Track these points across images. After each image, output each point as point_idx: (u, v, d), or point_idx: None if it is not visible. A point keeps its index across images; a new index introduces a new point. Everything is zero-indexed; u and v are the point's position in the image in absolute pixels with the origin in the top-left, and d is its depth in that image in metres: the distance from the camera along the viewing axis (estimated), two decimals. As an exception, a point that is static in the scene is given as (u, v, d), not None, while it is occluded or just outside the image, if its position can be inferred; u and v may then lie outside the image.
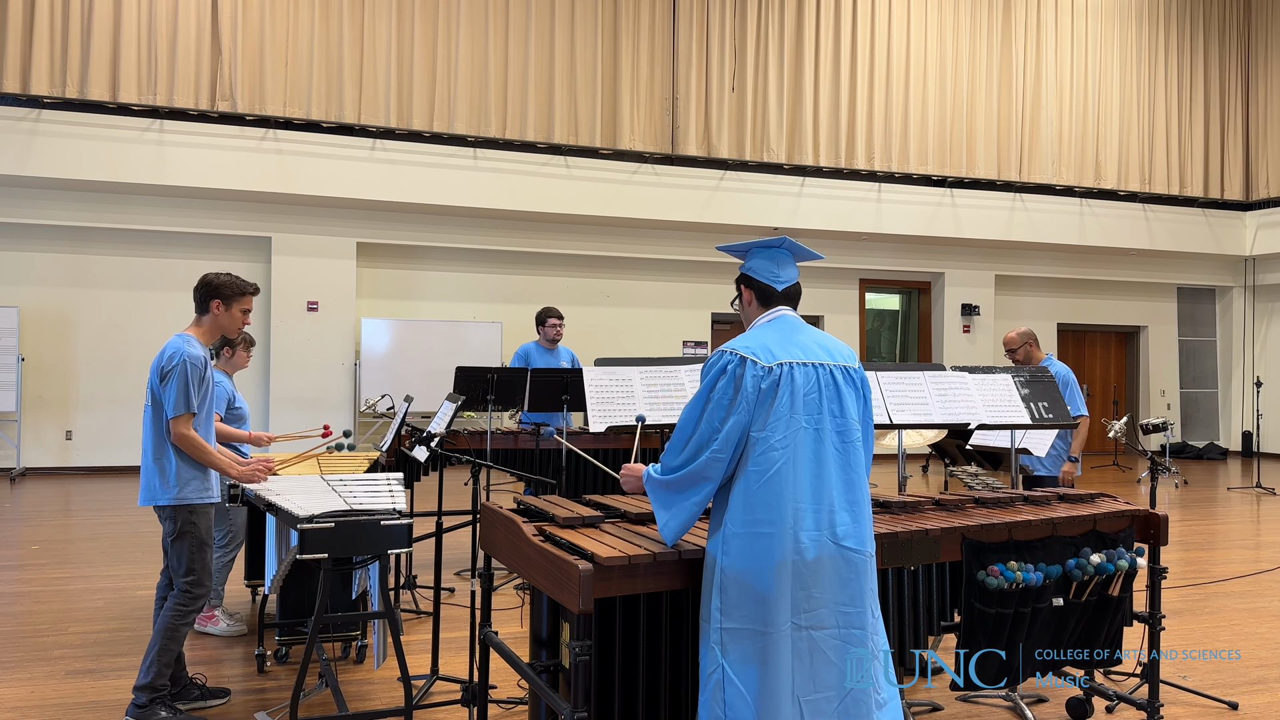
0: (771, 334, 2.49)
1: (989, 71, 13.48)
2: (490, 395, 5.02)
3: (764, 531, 2.32)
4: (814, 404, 2.41)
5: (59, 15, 9.99)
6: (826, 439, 2.40)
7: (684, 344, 12.99)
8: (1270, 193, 14.54)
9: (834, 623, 2.34)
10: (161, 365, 3.55)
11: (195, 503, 3.58)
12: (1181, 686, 4.00)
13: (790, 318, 2.56)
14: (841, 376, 2.47)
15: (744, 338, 2.49)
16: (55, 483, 10.01)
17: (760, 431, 2.36)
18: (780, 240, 2.60)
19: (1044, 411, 3.83)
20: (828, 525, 2.35)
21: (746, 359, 2.40)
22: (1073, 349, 15.30)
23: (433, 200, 11.06)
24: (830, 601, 2.33)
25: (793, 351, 2.44)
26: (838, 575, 2.35)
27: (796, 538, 2.32)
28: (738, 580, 2.32)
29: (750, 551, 2.32)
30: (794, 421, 2.37)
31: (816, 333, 2.56)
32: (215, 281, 3.70)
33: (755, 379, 2.38)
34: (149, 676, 3.47)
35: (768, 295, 2.59)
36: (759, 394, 2.38)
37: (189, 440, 3.53)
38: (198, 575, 3.57)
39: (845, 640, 2.35)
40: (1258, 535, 7.94)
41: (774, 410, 2.37)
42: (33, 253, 10.67)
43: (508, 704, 3.73)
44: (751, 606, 2.30)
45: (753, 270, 2.61)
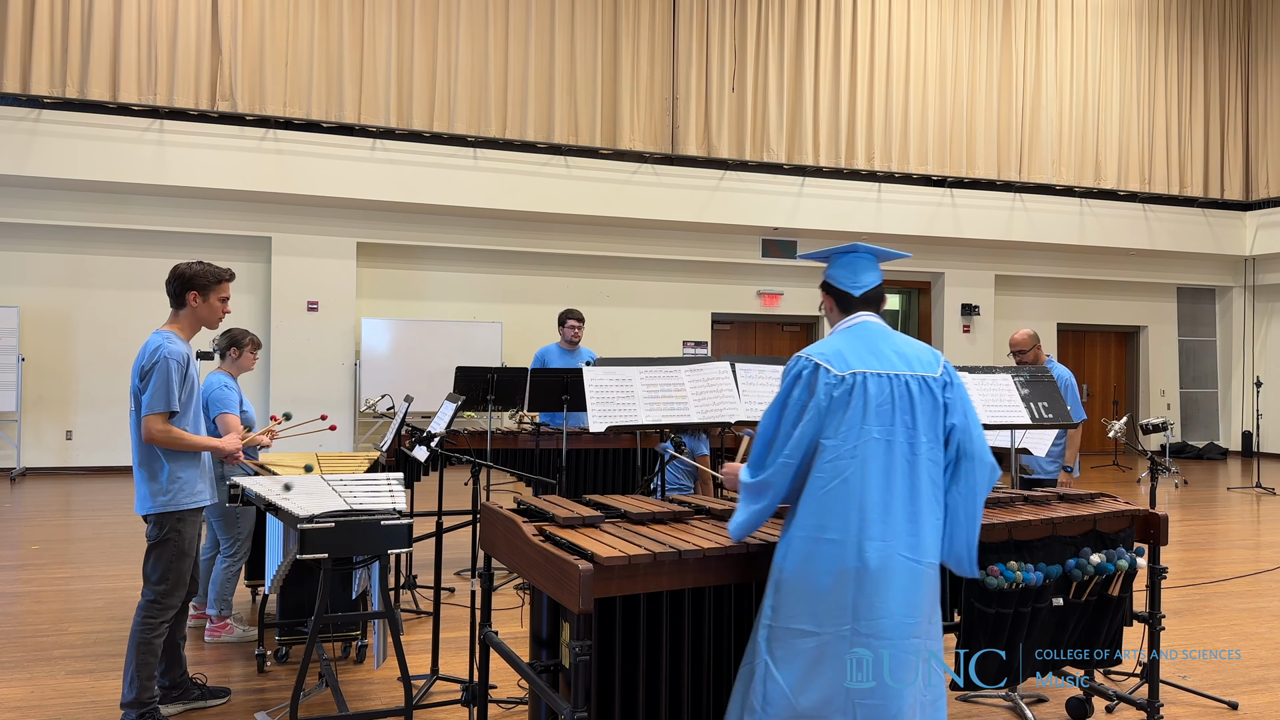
0: (848, 341, 2.50)
1: (989, 71, 13.48)
2: (490, 395, 5.02)
3: (828, 538, 2.35)
4: (886, 414, 2.41)
5: (59, 15, 9.99)
6: (897, 450, 2.40)
7: (684, 344, 12.99)
8: (1270, 193, 14.54)
9: (891, 632, 2.34)
10: (142, 364, 3.40)
11: (184, 509, 3.45)
12: (1181, 686, 4.00)
13: (871, 324, 2.57)
14: (917, 387, 2.46)
15: (821, 344, 2.51)
16: (55, 483, 10.01)
17: (831, 439, 2.38)
18: (852, 247, 2.65)
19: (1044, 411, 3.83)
20: (893, 536, 2.36)
21: (820, 366, 2.42)
22: (1073, 349, 15.30)
23: (433, 200, 11.06)
24: (889, 610, 2.34)
25: (868, 360, 2.45)
26: (898, 585, 2.35)
27: (860, 546, 2.34)
28: (795, 582, 2.36)
29: (811, 556, 2.35)
30: (865, 431, 2.38)
31: (898, 339, 2.56)
32: (189, 272, 3.52)
33: (828, 387, 2.40)
34: (134, 692, 3.37)
35: (846, 301, 2.62)
36: (831, 402, 2.39)
37: (167, 436, 3.38)
38: (170, 585, 3.43)
39: (899, 648, 2.35)
40: (1258, 535, 7.94)
41: (845, 419, 2.38)
42: (33, 253, 10.67)
43: (508, 704, 3.73)
44: (807, 609, 2.34)
45: (831, 278, 2.66)
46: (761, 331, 13.96)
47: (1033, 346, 5.46)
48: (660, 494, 4.20)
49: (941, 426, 2.49)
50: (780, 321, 13.93)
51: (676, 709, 2.46)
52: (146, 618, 3.40)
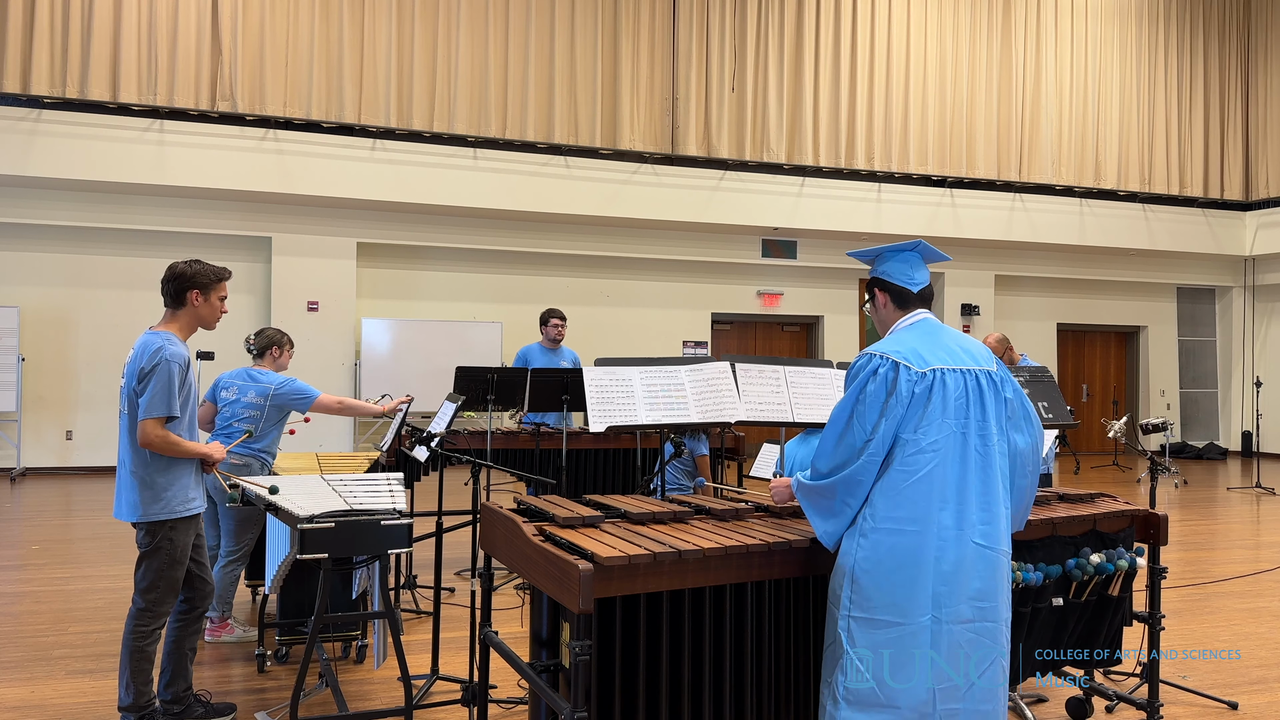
0: (917, 338, 2.56)
1: (989, 71, 13.48)
2: (490, 395, 5.02)
3: (908, 529, 2.41)
4: (962, 408, 2.49)
5: (59, 15, 9.99)
6: (970, 442, 2.48)
7: (684, 344, 12.99)
8: (1270, 193, 14.54)
9: (971, 615, 2.42)
10: (142, 365, 3.29)
11: (178, 516, 3.38)
12: (1181, 686, 4.00)
13: (931, 321, 2.65)
14: (986, 381, 2.55)
15: (891, 341, 2.57)
16: (55, 483, 10.01)
17: (911, 434, 2.44)
18: (915, 244, 2.70)
19: (1043, 411, 3.83)
20: (969, 525, 2.44)
21: (900, 364, 2.48)
22: (1073, 349, 15.30)
23: (433, 200, 11.06)
24: (968, 596, 2.42)
25: (941, 356, 2.52)
26: (975, 572, 2.43)
27: (941, 536, 2.41)
28: (873, 573, 2.41)
29: (890, 547, 2.41)
30: (945, 425, 2.46)
31: (957, 335, 2.63)
32: (189, 271, 3.42)
33: (910, 383, 2.46)
34: (130, 697, 3.32)
35: (904, 297, 2.67)
36: (913, 398, 2.46)
37: (164, 441, 3.28)
38: (160, 593, 3.36)
39: (979, 633, 2.43)
40: (1258, 535, 7.94)
41: (927, 414, 2.45)
42: (33, 253, 10.67)
43: (508, 704, 3.73)
44: (887, 598, 2.40)
45: (887, 274, 2.69)
46: (761, 331, 13.96)
47: (1003, 351, 5.47)
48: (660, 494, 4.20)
49: (1006, 419, 2.58)
50: (780, 321, 13.93)
51: (676, 709, 2.46)
52: (138, 625, 3.34)
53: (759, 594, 2.57)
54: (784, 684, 2.61)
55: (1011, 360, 5.51)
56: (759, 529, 2.72)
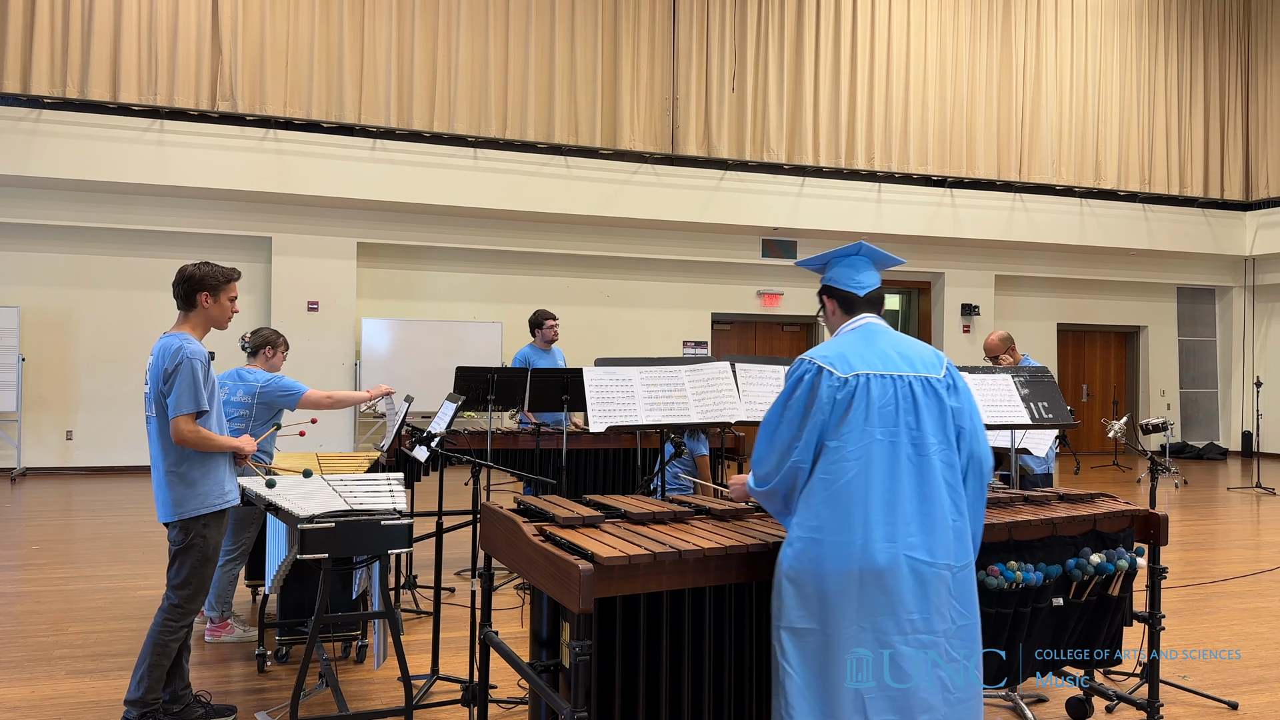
0: (852, 343, 2.52)
1: (989, 71, 13.48)
2: (490, 395, 5.03)
3: (830, 539, 2.35)
4: (890, 416, 2.41)
5: (59, 15, 9.99)
6: (901, 451, 2.40)
7: (684, 344, 12.99)
8: (1270, 193, 14.54)
9: (904, 629, 2.35)
10: (165, 366, 3.35)
11: (214, 510, 3.44)
12: (1181, 686, 4.00)
13: (874, 325, 2.59)
14: (921, 388, 2.46)
15: (825, 346, 2.53)
16: (55, 483, 10.01)
17: (834, 440, 2.39)
18: (857, 247, 2.64)
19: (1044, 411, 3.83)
20: (900, 536, 2.36)
21: (823, 369, 2.43)
22: (1073, 349, 15.30)
23: (433, 200, 11.06)
24: (896, 610, 2.34)
25: (871, 362, 2.46)
26: (908, 586, 2.35)
27: (865, 547, 2.34)
28: (799, 582, 2.37)
29: (814, 556, 2.36)
30: (868, 433, 2.39)
31: (902, 340, 2.56)
32: (198, 273, 3.48)
33: (831, 389, 2.42)
34: (139, 691, 3.34)
35: (850, 302, 2.63)
36: (834, 404, 2.41)
37: (198, 436, 3.35)
38: (193, 590, 3.41)
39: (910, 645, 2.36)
40: (1258, 535, 7.94)
41: (848, 420, 2.39)
42: (33, 253, 10.67)
43: (508, 704, 3.73)
44: (813, 609, 2.35)
45: (833, 280, 2.65)
46: (761, 331, 13.96)
47: (1005, 349, 5.46)
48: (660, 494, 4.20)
49: (950, 428, 2.48)
50: (780, 321, 13.93)
51: (676, 709, 2.46)
52: (168, 620, 3.38)
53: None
54: (784, 684, 2.61)
55: (1014, 360, 5.50)
56: (759, 529, 2.72)
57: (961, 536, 2.45)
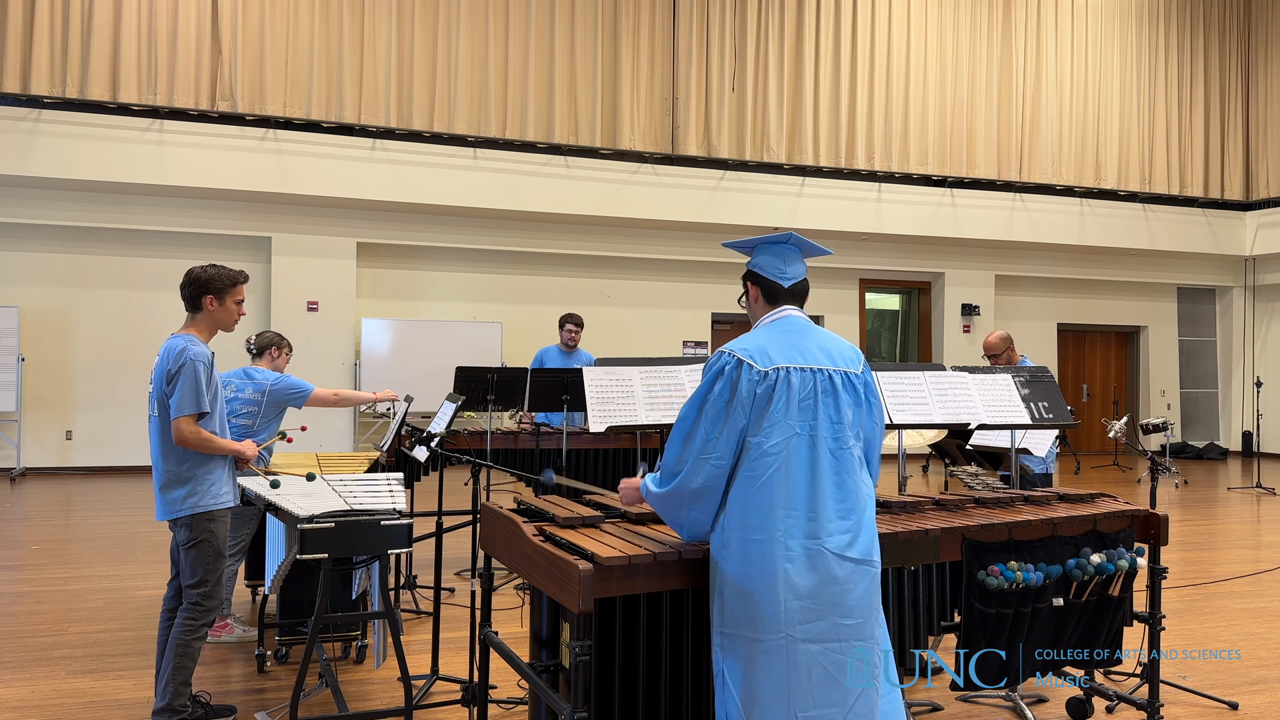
0: (772, 336, 2.43)
1: (989, 71, 13.48)
2: (490, 395, 5.03)
3: (756, 539, 2.28)
4: (809, 409, 2.34)
5: (59, 15, 9.99)
6: (822, 445, 2.34)
7: (684, 344, 12.99)
8: (1270, 193, 14.54)
9: (831, 635, 2.28)
10: (168, 367, 3.36)
11: (215, 509, 3.44)
12: (1181, 686, 4.00)
13: (795, 318, 2.50)
14: (841, 381, 2.41)
15: (744, 339, 2.44)
16: (55, 483, 10.01)
17: (755, 436, 2.31)
18: (787, 236, 2.55)
19: (1044, 411, 3.83)
20: (821, 534, 2.29)
21: (744, 362, 2.35)
22: (1073, 349, 15.30)
23: (433, 200, 11.06)
24: (826, 613, 2.28)
25: (791, 355, 2.38)
26: (834, 585, 2.29)
27: (788, 546, 2.27)
28: (731, 586, 2.30)
29: (743, 558, 2.29)
30: (788, 427, 2.31)
31: (822, 334, 2.50)
32: (204, 276, 3.48)
33: (751, 383, 2.33)
34: (166, 698, 3.31)
35: (774, 292, 2.54)
36: (754, 399, 2.32)
37: (198, 438, 3.36)
38: (209, 587, 3.41)
39: (845, 653, 2.29)
40: (1258, 535, 7.94)
41: (769, 415, 2.31)
42: (33, 253, 10.67)
43: (508, 704, 3.73)
44: (744, 613, 2.28)
45: (759, 267, 2.55)
46: (761, 331, 13.94)
47: (1005, 349, 5.48)
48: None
49: (868, 422, 2.46)
50: (780, 321, 13.91)
51: (676, 709, 2.46)
52: (188, 620, 3.37)
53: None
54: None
55: (1011, 360, 5.51)
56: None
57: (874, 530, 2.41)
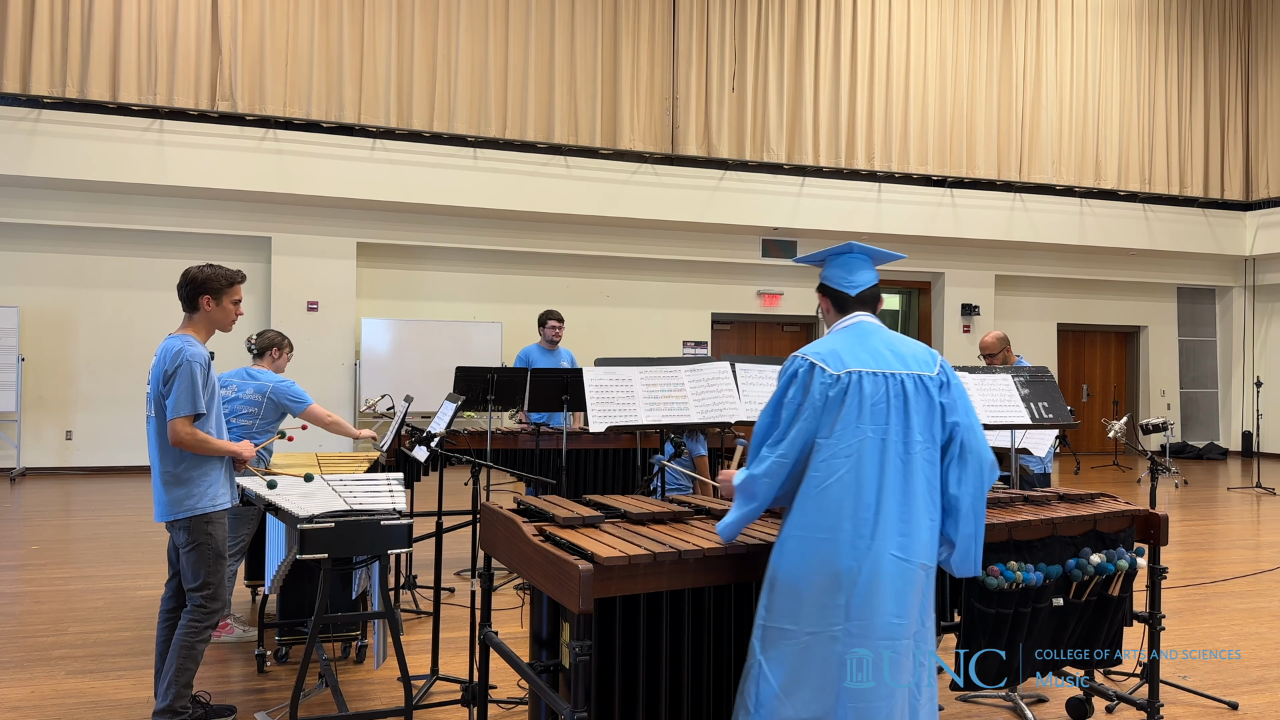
0: (845, 340, 2.51)
1: (989, 71, 13.47)
2: (490, 395, 5.02)
3: (819, 537, 2.35)
4: (881, 413, 2.41)
5: (59, 15, 9.99)
6: (891, 449, 2.40)
7: (684, 344, 12.99)
8: (1270, 193, 14.54)
9: (883, 633, 2.34)
10: (165, 368, 3.35)
11: (212, 510, 3.42)
12: (1181, 686, 4.00)
13: (866, 323, 2.58)
14: (913, 386, 2.46)
15: (818, 344, 2.52)
16: (55, 483, 10.01)
17: (826, 438, 2.39)
18: (847, 246, 2.65)
19: (1044, 411, 3.83)
20: (885, 535, 2.36)
21: (816, 365, 2.43)
22: (1073, 349, 15.30)
23: (433, 200, 11.06)
24: (880, 611, 2.34)
25: (863, 359, 2.45)
26: (890, 586, 2.35)
27: (853, 546, 2.34)
28: (787, 581, 2.37)
29: (803, 555, 2.36)
30: (859, 430, 2.39)
31: (895, 338, 2.56)
32: (201, 276, 3.46)
33: (823, 386, 2.41)
34: (168, 699, 3.30)
35: (842, 301, 2.63)
36: (826, 401, 2.40)
37: (194, 439, 3.34)
38: (213, 589, 3.40)
39: (890, 649, 2.35)
40: (1258, 535, 7.94)
41: (840, 418, 2.39)
42: (33, 253, 10.67)
43: (508, 704, 3.73)
44: (797, 608, 2.35)
45: (827, 279, 2.66)
46: (761, 331, 13.96)
47: (1002, 349, 5.49)
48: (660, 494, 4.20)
49: (939, 426, 2.48)
50: (780, 321, 13.93)
51: (676, 709, 2.46)
52: (192, 622, 3.36)
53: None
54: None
55: (1008, 360, 5.52)
56: (758, 528, 2.72)
57: (935, 536, 2.45)
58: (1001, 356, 5.48)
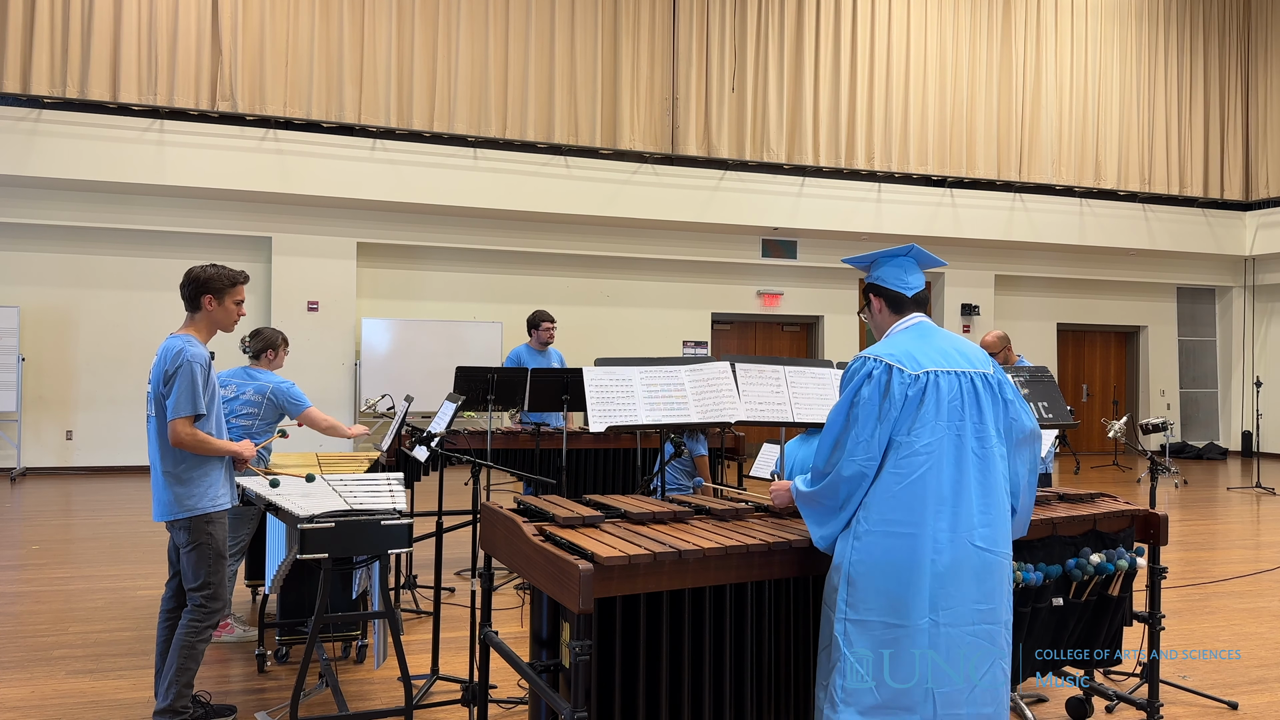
0: (912, 341, 2.57)
1: (989, 71, 13.48)
2: (490, 395, 5.02)
3: (903, 532, 2.41)
4: (957, 410, 2.49)
5: (59, 15, 9.99)
6: (967, 444, 2.48)
7: (684, 344, 12.99)
8: (1270, 193, 14.54)
9: (971, 619, 2.42)
10: (165, 368, 3.35)
11: (212, 511, 3.42)
12: (1181, 686, 4.00)
13: (926, 324, 2.66)
14: (981, 383, 2.55)
15: (886, 345, 2.58)
16: (55, 483, 10.01)
17: (905, 436, 2.45)
18: (908, 248, 2.70)
19: (1043, 411, 3.83)
20: (966, 528, 2.43)
21: (893, 367, 2.49)
22: (1073, 349, 15.30)
23: (433, 200, 11.06)
24: (967, 598, 2.41)
25: (935, 359, 2.53)
26: (974, 574, 2.43)
27: (936, 539, 2.40)
28: (869, 576, 2.42)
29: (885, 549, 2.41)
30: (939, 427, 2.46)
31: (953, 338, 2.64)
32: (203, 276, 3.47)
33: (903, 386, 2.47)
34: (169, 699, 3.30)
35: (899, 302, 2.68)
36: (906, 400, 2.46)
37: (194, 439, 3.34)
38: (214, 589, 3.40)
39: (979, 635, 2.43)
40: (1258, 535, 7.94)
41: (920, 416, 2.45)
42: (33, 253, 10.67)
43: (508, 704, 3.73)
44: (884, 601, 2.40)
45: (882, 279, 2.70)
46: (761, 331, 13.96)
47: (1001, 349, 5.50)
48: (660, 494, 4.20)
49: (1004, 420, 2.57)
50: (780, 321, 13.93)
51: (676, 709, 2.46)
52: (193, 622, 3.36)
53: (759, 594, 2.57)
54: (784, 684, 2.61)
55: (1009, 360, 5.52)
56: (759, 529, 2.72)
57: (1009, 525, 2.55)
58: (1001, 356, 5.49)
